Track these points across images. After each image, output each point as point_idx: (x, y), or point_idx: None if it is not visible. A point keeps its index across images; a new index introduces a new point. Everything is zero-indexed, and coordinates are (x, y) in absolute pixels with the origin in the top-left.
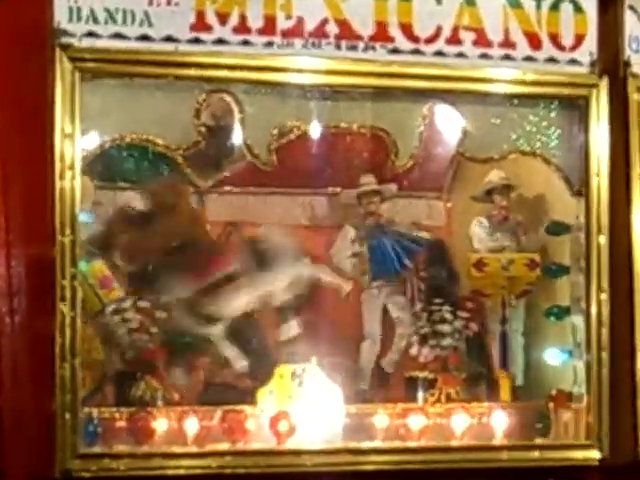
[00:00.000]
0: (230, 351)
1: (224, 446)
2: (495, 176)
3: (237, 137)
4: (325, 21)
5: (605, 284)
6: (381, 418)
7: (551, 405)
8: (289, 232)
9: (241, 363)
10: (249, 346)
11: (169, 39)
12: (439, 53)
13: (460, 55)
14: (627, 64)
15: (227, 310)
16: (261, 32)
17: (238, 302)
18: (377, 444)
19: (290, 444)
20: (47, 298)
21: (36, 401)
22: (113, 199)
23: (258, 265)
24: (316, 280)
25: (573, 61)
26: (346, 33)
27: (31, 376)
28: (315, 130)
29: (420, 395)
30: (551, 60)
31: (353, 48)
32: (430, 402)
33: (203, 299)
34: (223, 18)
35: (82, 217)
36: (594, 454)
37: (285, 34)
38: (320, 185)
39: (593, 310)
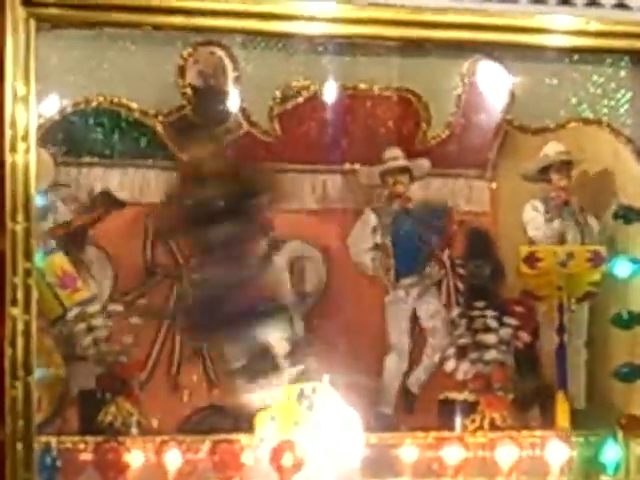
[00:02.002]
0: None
1: None
2: (552, 150)
3: (231, 101)
4: None
5: None
6: (409, 450)
7: (620, 434)
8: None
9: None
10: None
11: None
12: None
13: None
14: None
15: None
16: None
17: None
18: None
19: None
20: None
21: None
22: (77, 178)
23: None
24: (330, 278)
25: None
26: None
27: None
28: (328, 92)
29: (458, 421)
30: (620, 5)
31: None
32: (470, 430)
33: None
34: None
35: (39, 200)
36: None
37: None
38: (334, 160)
39: None
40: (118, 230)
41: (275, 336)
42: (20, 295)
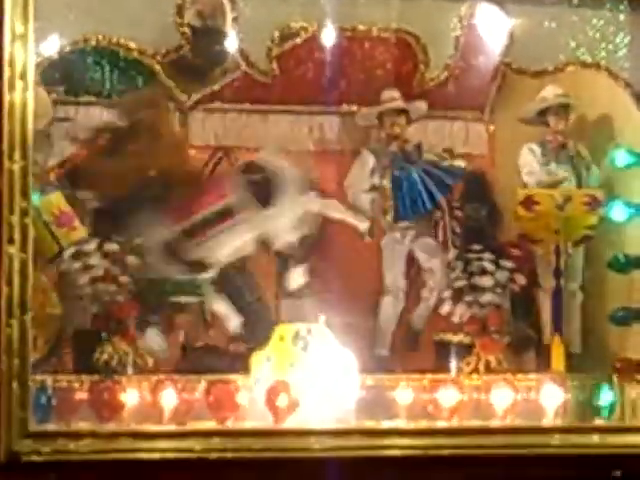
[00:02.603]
0: (219, 306)
1: (209, 424)
2: (550, 93)
3: (229, 41)
4: None
5: None
6: (404, 392)
7: (615, 377)
8: (293, 159)
9: (233, 321)
10: (242, 300)
11: None
12: None
13: None
14: None
15: (216, 255)
16: None
17: (230, 245)
18: (399, 424)
19: (291, 423)
20: None
21: None
22: (75, 116)
23: (255, 200)
24: (325, 218)
25: None
26: None
27: None
28: (326, 33)
29: (453, 364)
30: None
31: None
32: (465, 372)
33: (187, 241)
34: None
35: (36, 138)
36: None
37: None
38: (332, 102)
39: None
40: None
41: None
42: (17, 234)
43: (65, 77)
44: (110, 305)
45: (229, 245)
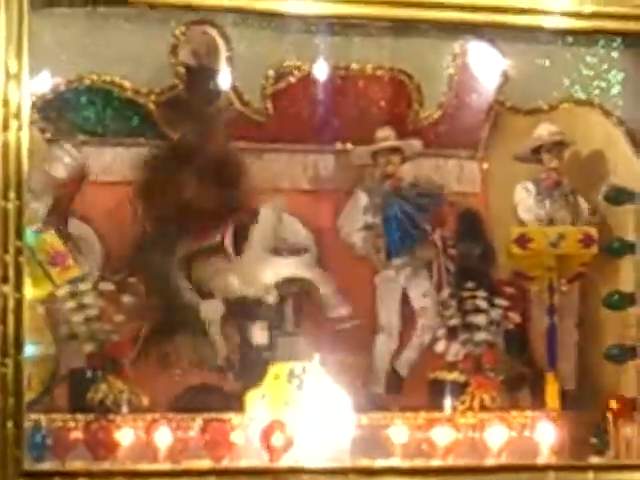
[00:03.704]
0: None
1: (205, 463)
2: (544, 131)
3: (223, 80)
4: None
5: None
6: (399, 430)
7: (610, 415)
8: (287, 197)
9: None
10: (236, 337)
11: None
12: None
13: None
14: None
15: (216, 288)
16: None
17: (217, 281)
18: (394, 462)
19: (286, 461)
20: None
21: None
22: (69, 155)
23: (232, 245)
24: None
25: None
26: None
27: None
28: (320, 72)
29: (448, 402)
30: None
31: None
32: (460, 411)
33: (191, 266)
34: None
35: (31, 177)
36: None
37: None
38: (326, 140)
39: None
40: (108, 208)
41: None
42: (11, 273)
43: (59, 116)
44: (105, 344)
45: (217, 280)
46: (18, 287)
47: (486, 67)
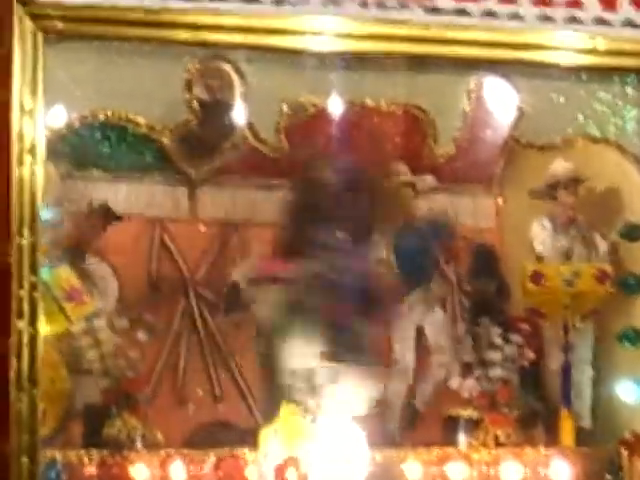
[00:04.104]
0: None
1: None
2: (559, 167)
3: (238, 115)
4: None
5: None
6: (413, 466)
7: (625, 452)
8: None
9: None
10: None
11: None
12: (489, 13)
13: (514, 16)
14: None
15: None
16: None
17: None
18: None
19: None
20: (0, 313)
21: None
22: (84, 191)
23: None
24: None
25: None
26: None
27: None
28: (335, 107)
29: (462, 438)
30: (628, 24)
31: (382, 6)
32: (474, 447)
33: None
34: None
35: (45, 214)
36: None
37: None
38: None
39: None
40: (124, 244)
41: None
42: (26, 308)
43: (74, 152)
44: (120, 380)
45: None
46: (33, 322)
47: (501, 103)
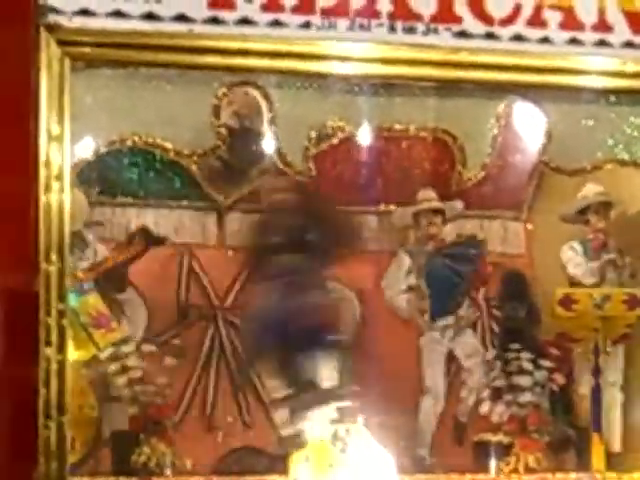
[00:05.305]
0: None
1: None
2: (590, 191)
3: (266, 141)
4: None
5: None
6: None
7: None
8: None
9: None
10: None
11: (181, 18)
12: (518, 37)
13: (544, 40)
14: None
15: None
16: (296, 10)
17: None
18: None
19: None
20: (28, 340)
21: (13, 469)
22: (111, 218)
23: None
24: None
25: None
26: (402, 12)
27: (8, 437)
28: (363, 132)
29: (492, 463)
30: None
31: (410, 31)
32: (505, 472)
33: None
34: None
35: (73, 239)
36: None
37: (326, 13)
38: (369, 201)
39: None
40: (152, 270)
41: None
42: (54, 336)
43: (101, 178)
44: (148, 406)
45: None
46: (61, 350)
47: (530, 127)
